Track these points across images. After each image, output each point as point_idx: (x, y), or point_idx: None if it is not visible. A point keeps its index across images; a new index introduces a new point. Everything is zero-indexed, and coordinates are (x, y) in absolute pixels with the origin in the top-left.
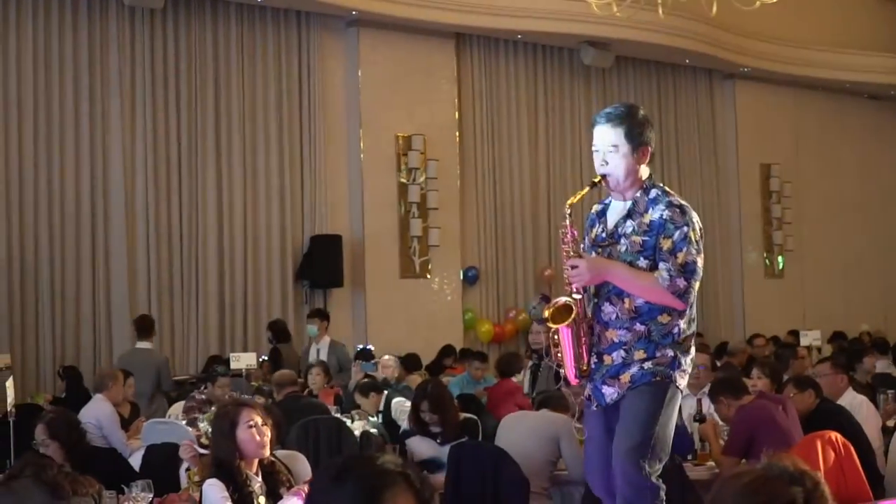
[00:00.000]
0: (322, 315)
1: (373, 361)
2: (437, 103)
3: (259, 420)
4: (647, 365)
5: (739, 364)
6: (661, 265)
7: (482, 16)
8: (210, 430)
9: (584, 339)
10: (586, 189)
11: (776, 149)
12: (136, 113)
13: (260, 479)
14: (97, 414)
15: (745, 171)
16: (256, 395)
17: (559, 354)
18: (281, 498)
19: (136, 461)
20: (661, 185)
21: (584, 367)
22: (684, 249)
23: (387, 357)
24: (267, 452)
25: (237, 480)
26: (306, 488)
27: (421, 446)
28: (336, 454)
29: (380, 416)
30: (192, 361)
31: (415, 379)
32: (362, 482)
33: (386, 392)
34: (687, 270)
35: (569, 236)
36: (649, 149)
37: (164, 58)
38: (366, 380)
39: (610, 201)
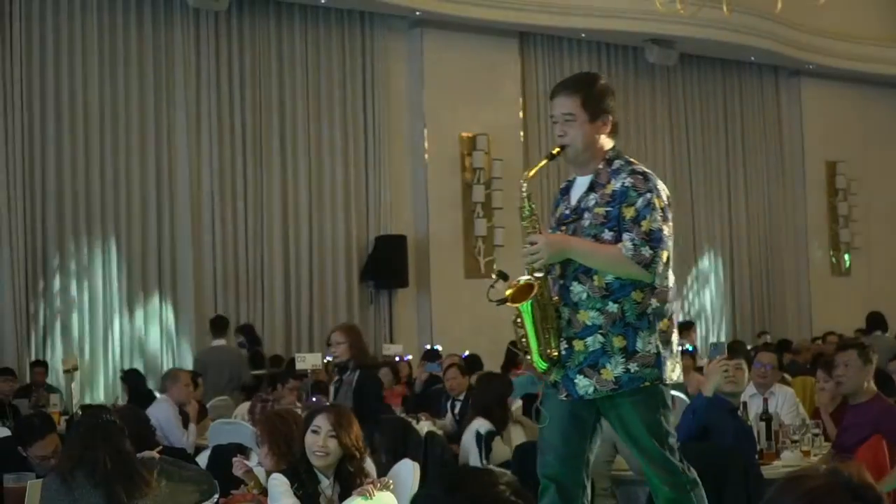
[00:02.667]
0: None
1: (437, 362)
2: (502, 103)
3: (324, 427)
4: (633, 367)
5: (805, 362)
6: (625, 235)
7: (546, 14)
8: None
9: (549, 323)
10: (543, 161)
11: (843, 146)
12: (202, 115)
13: (331, 479)
14: (157, 414)
15: (811, 168)
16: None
17: (524, 340)
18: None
19: (202, 461)
20: (626, 156)
21: (554, 353)
22: (648, 217)
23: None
24: (322, 462)
25: (301, 477)
26: (370, 488)
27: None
28: (400, 455)
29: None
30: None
31: None
32: (472, 502)
33: None
34: (653, 239)
35: (527, 212)
36: (610, 118)
37: (229, 59)
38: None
39: (574, 179)
